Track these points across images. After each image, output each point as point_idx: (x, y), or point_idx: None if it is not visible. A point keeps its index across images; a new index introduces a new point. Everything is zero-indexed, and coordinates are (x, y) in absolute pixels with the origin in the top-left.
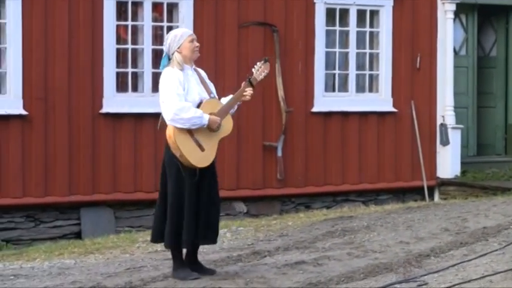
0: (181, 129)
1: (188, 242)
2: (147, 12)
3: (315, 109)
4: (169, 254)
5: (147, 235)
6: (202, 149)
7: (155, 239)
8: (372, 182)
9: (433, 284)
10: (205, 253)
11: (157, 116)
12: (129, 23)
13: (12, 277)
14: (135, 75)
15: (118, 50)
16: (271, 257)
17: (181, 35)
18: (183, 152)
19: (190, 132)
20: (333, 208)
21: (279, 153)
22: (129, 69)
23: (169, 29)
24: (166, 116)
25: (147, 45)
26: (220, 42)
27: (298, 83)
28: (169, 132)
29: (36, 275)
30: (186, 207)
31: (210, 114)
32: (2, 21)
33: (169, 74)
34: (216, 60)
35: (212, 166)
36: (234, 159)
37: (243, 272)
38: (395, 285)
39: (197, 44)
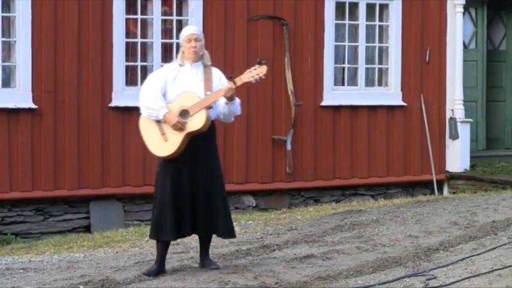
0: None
1: (162, 234)
2: (156, 6)
3: (324, 103)
4: (178, 248)
5: None
6: (165, 139)
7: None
8: (381, 176)
9: (442, 277)
10: (215, 247)
11: None
12: (139, 16)
13: (21, 271)
14: (144, 69)
15: (127, 43)
16: (280, 251)
17: (182, 34)
18: (143, 137)
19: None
20: (342, 202)
21: (288, 147)
22: (139, 63)
23: (179, 22)
24: None
25: (156, 39)
26: (229, 36)
27: (307, 76)
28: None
29: (45, 268)
30: (158, 198)
31: (181, 107)
32: (11, 14)
33: (162, 67)
34: (225, 54)
35: (205, 158)
36: (243, 153)
37: (252, 265)
38: (405, 279)
39: (193, 45)
